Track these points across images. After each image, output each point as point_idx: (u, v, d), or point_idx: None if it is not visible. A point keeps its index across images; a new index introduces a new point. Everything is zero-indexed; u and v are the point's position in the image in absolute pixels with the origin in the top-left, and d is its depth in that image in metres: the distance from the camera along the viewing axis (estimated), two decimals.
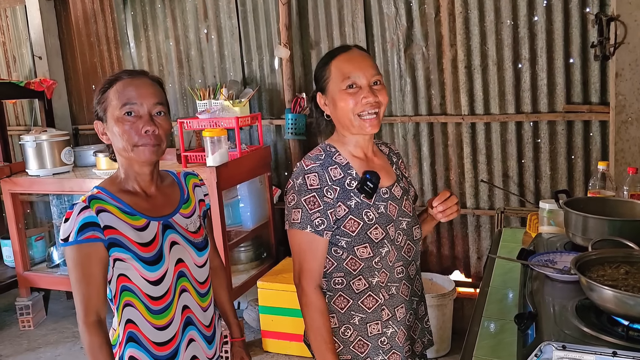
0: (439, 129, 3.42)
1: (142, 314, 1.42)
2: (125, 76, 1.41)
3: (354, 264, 1.50)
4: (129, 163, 1.43)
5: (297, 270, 1.52)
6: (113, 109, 1.38)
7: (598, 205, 1.75)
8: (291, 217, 1.49)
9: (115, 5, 4.19)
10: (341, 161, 1.52)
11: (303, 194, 1.46)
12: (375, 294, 1.51)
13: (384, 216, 1.51)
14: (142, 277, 1.39)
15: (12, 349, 3.69)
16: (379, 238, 1.49)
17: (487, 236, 3.41)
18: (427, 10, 3.30)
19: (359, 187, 1.49)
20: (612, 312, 1.23)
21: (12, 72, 4.73)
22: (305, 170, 1.49)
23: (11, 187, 3.76)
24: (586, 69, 3.02)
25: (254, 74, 3.86)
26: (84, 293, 1.34)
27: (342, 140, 1.55)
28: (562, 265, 1.56)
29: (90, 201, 1.36)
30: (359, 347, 1.52)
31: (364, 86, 1.47)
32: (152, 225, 1.43)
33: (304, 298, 1.50)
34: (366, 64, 1.50)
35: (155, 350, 1.44)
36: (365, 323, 1.51)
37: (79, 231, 1.32)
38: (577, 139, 3.12)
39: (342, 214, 1.47)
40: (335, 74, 1.50)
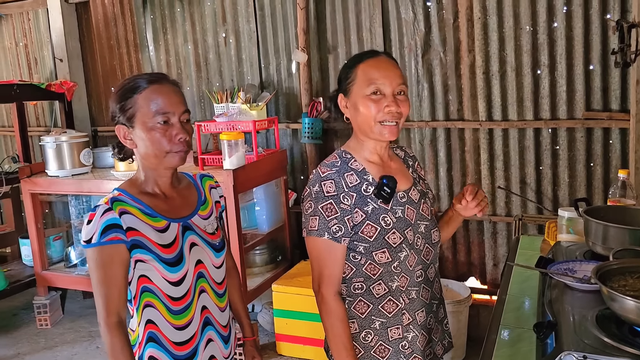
0: (456, 134, 3.40)
1: (163, 314, 1.44)
2: (149, 83, 1.42)
3: (373, 269, 1.50)
4: (152, 167, 1.45)
5: (316, 277, 1.52)
6: (143, 116, 1.39)
7: (618, 214, 1.73)
8: (309, 224, 1.49)
9: (135, 9, 4.24)
10: (357, 167, 1.52)
11: (320, 201, 1.47)
12: (395, 298, 1.51)
13: (401, 220, 1.51)
14: (163, 278, 1.41)
15: (30, 347, 3.74)
16: (397, 243, 1.49)
17: (504, 243, 3.39)
18: (445, 15, 3.29)
19: (376, 192, 1.49)
20: (633, 323, 1.21)
21: (34, 74, 4.80)
22: (322, 178, 1.49)
23: (31, 187, 3.82)
24: (606, 75, 2.99)
25: (271, 78, 3.89)
26: (105, 294, 1.36)
27: (359, 144, 1.56)
28: (582, 274, 1.54)
29: (112, 203, 1.38)
30: (380, 352, 1.52)
31: (388, 94, 1.48)
32: (173, 227, 1.45)
33: (323, 305, 1.50)
34: (393, 73, 1.50)
35: (175, 350, 1.46)
36: (386, 328, 1.51)
37: (102, 233, 1.34)
38: (596, 146, 3.09)
39: (359, 219, 1.48)
40: (361, 78, 1.50)
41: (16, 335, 3.93)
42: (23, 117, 4.28)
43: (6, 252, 4.88)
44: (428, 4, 3.33)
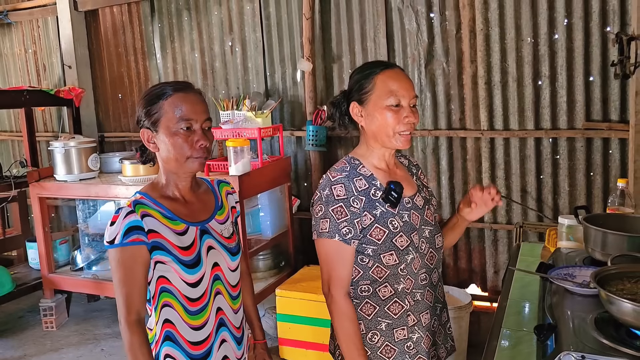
0: (458, 143, 3.46)
1: (180, 314, 1.49)
2: (175, 90, 1.48)
3: (380, 272, 1.55)
4: (173, 171, 1.51)
5: (325, 279, 1.56)
6: (168, 121, 1.45)
7: (617, 222, 1.79)
8: (319, 227, 1.54)
9: (143, 18, 4.32)
10: (365, 172, 1.58)
11: (330, 204, 1.52)
12: (401, 300, 1.56)
13: (408, 225, 1.56)
14: (182, 279, 1.46)
15: (36, 348, 3.79)
16: (404, 245, 1.54)
17: (504, 250, 3.44)
18: (448, 27, 3.36)
19: (384, 196, 1.54)
20: (631, 325, 1.27)
21: (42, 81, 4.88)
22: (332, 182, 1.54)
23: (39, 191, 3.87)
24: (606, 87, 3.06)
25: (276, 86, 3.95)
26: (126, 293, 1.41)
27: (368, 151, 1.61)
28: (582, 279, 1.60)
29: (135, 206, 1.43)
30: (386, 352, 1.56)
31: (405, 106, 1.54)
32: (191, 230, 1.50)
33: (333, 306, 1.54)
34: (410, 86, 1.57)
35: (191, 350, 1.51)
36: (392, 329, 1.56)
37: (124, 234, 1.39)
38: (596, 156, 3.14)
39: (368, 222, 1.53)
40: (380, 89, 1.54)
41: (22, 337, 3.97)
42: (31, 123, 4.35)
43: (12, 255, 4.93)
44: (431, 15, 3.40)
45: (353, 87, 1.60)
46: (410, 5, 3.42)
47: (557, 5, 3.07)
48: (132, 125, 4.58)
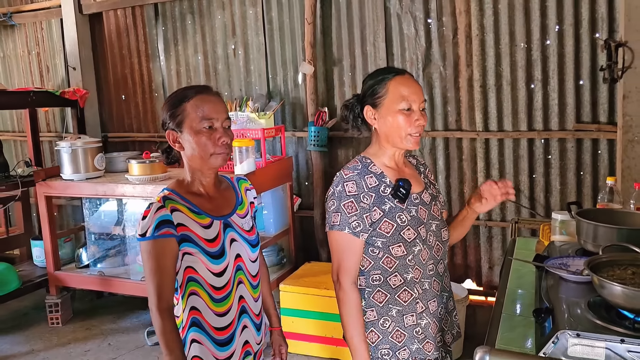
0: (454, 144, 3.60)
1: (206, 302, 1.60)
2: (196, 93, 1.61)
3: (390, 262, 1.67)
4: (197, 168, 1.63)
5: (335, 268, 1.68)
6: (191, 121, 1.57)
7: (607, 216, 1.93)
8: (331, 220, 1.66)
9: (147, 21, 4.42)
10: (376, 171, 1.70)
11: (342, 200, 1.64)
12: (410, 288, 1.68)
13: (415, 219, 1.68)
14: (208, 269, 1.58)
15: (43, 344, 3.87)
16: (412, 238, 1.66)
17: (499, 247, 3.59)
18: (445, 32, 3.51)
19: (393, 192, 1.66)
20: (620, 307, 1.40)
21: (45, 82, 4.95)
22: (344, 179, 1.66)
23: (46, 190, 3.96)
24: (595, 90, 3.21)
25: (279, 88, 4.07)
26: (158, 282, 1.52)
27: (380, 151, 1.74)
28: (575, 268, 1.74)
29: (164, 201, 1.55)
30: (397, 337, 1.68)
31: (416, 110, 1.66)
32: (215, 224, 1.62)
33: (341, 293, 1.66)
34: (420, 90, 1.69)
35: (215, 335, 1.63)
36: (401, 315, 1.68)
37: (156, 227, 1.51)
38: (586, 156, 3.30)
39: (377, 217, 1.65)
40: (393, 93, 1.65)
41: (28, 333, 4.05)
42: (35, 123, 4.44)
43: (14, 254, 5.00)
44: (429, 20, 3.54)
45: (367, 92, 1.71)
46: (409, 11, 3.56)
47: (549, 12, 3.22)
48: (135, 125, 4.68)
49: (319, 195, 3.95)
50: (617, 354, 1.31)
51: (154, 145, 4.53)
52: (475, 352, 1.33)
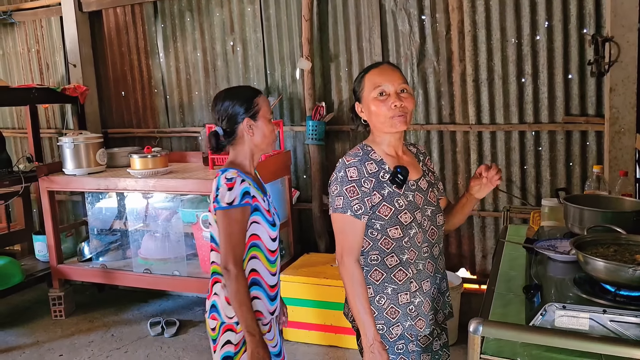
0: (448, 137, 3.71)
1: (263, 263, 1.97)
2: (260, 93, 2.07)
3: (387, 244, 1.78)
4: (258, 151, 2.03)
5: (339, 248, 1.79)
6: (265, 113, 2.03)
7: (593, 201, 2.04)
8: (335, 203, 1.78)
9: (146, 18, 4.50)
10: (376, 158, 1.81)
11: (344, 185, 1.76)
12: (405, 269, 1.79)
13: (412, 204, 1.80)
14: (268, 234, 1.96)
15: (47, 335, 3.95)
16: (408, 221, 1.78)
17: (492, 236, 3.70)
18: (438, 28, 3.61)
19: (391, 178, 1.78)
20: (603, 281, 1.51)
21: (45, 79, 5.02)
22: (346, 165, 1.78)
23: (49, 185, 4.04)
24: (583, 84, 3.32)
25: (276, 84, 4.16)
26: (236, 246, 1.85)
27: (376, 140, 1.85)
28: (562, 249, 1.85)
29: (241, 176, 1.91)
30: (391, 314, 1.80)
31: (392, 93, 1.77)
32: (266, 198, 2.01)
33: (345, 271, 1.77)
34: (394, 75, 1.80)
35: (270, 292, 2.00)
36: (396, 293, 1.79)
37: (241, 197, 1.84)
38: (575, 147, 3.41)
39: (376, 201, 1.76)
40: (367, 85, 1.81)
41: (32, 326, 4.13)
42: (36, 119, 4.50)
43: (14, 249, 5.07)
44: (423, 17, 3.64)
45: (354, 90, 1.90)
46: (403, 7, 3.66)
47: (538, 9, 3.33)
48: (135, 121, 4.75)
49: (317, 188, 4.05)
50: (600, 324, 1.41)
51: (154, 141, 4.61)
52: (470, 322, 1.44)
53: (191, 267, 3.92)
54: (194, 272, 3.87)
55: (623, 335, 1.39)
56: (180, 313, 4.24)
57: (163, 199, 4.15)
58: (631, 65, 2.96)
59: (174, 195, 3.98)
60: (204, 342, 3.74)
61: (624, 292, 1.47)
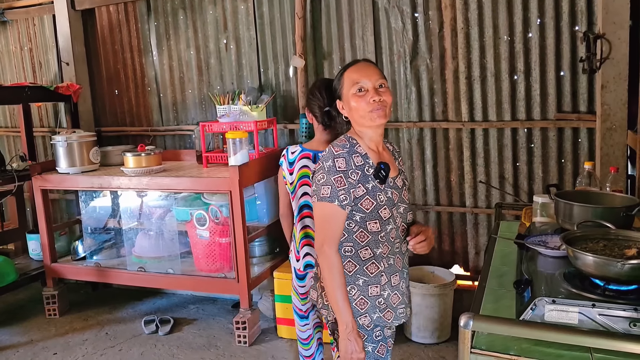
0: (441, 134, 3.72)
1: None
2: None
3: (363, 237, 1.85)
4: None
5: (320, 237, 1.83)
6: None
7: (584, 197, 2.05)
8: (320, 192, 1.81)
9: (139, 16, 4.48)
10: (361, 151, 1.86)
11: (332, 174, 1.79)
12: (377, 262, 1.87)
13: (390, 200, 1.87)
14: None
15: (41, 334, 3.94)
16: (387, 217, 1.85)
17: (485, 233, 3.72)
18: (431, 25, 3.62)
19: (374, 174, 1.83)
20: (592, 275, 1.53)
21: (38, 77, 5.00)
22: (335, 155, 1.81)
23: (42, 183, 4.03)
24: (575, 81, 3.34)
25: (270, 82, 4.17)
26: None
27: (359, 134, 1.90)
28: (553, 244, 1.87)
29: None
30: (360, 305, 1.87)
31: (370, 89, 1.82)
32: None
33: (326, 260, 1.81)
34: (371, 71, 1.86)
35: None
36: (367, 285, 1.87)
37: None
38: (566, 144, 3.43)
39: (360, 193, 1.82)
40: (346, 82, 1.87)
41: (26, 324, 4.12)
42: (29, 118, 4.48)
43: (8, 248, 5.05)
44: (416, 15, 3.65)
45: (333, 88, 1.96)
46: (396, 5, 3.67)
47: (530, 6, 3.34)
48: (128, 119, 4.74)
49: None
50: (589, 318, 1.43)
51: (147, 139, 4.60)
52: (460, 317, 1.45)
53: (185, 265, 3.92)
54: (188, 270, 3.87)
55: (612, 329, 1.40)
56: (174, 311, 4.24)
57: (157, 197, 4.14)
58: (622, 62, 2.98)
59: (167, 193, 3.98)
60: (198, 340, 3.74)
61: (613, 287, 1.49)
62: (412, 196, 3.87)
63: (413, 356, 3.40)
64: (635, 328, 1.38)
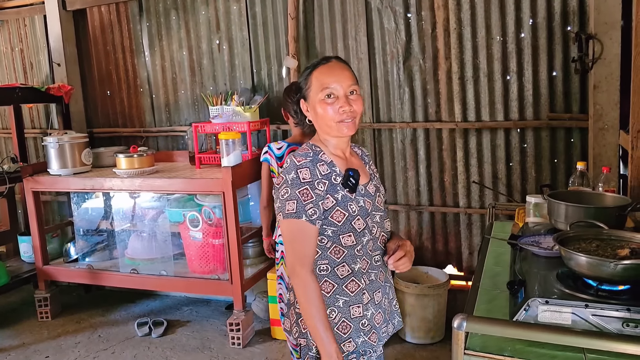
0: (435, 134, 3.72)
1: None
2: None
3: (338, 252, 1.66)
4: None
5: (291, 258, 1.63)
6: None
7: (576, 197, 2.06)
8: (286, 208, 1.60)
9: (131, 17, 4.46)
10: (326, 159, 1.67)
11: (297, 187, 1.59)
12: (357, 279, 1.68)
13: (363, 209, 1.68)
14: None
15: (34, 337, 3.91)
16: (361, 228, 1.67)
17: (478, 233, 3.72)
18: (424, 26, 3.62)
19: (343, 182, 1.65)
20: (585, 276, 1.53)
21: (29, 78, 4.96)
22: (298, 166, 1.61)
23: (33, 185, 4.00)
24: (568, 81, 3.34)
25: (263, 82, 4.15)
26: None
27: (323, 141, 1.71)
28: (546, 245, 1.87)
29: None
30: (343, 329, 1.67)
31: (340, 96, 1.62)
32: None
33: (300, 283, 1.61)
34: (344, 75, 1.64)
35: None
36: (348, 306, 1.67)
37: None
38: (559, 144, 3.44)
39: (330, 205, 1.63)
40: (315, 84, 1.65)
41: (18, 327, 4.09)
42: (20, 119, 4.45)
43: (0, 250, 5.02)
44: (409, 15, 3.65)
45: (299, 86, 1.74)
46: (389, 5, 3.67)
47: (523, 6, 3.35)
48: (120, 121, 4.72)
49: None
50: (582, 318, 1.43)
51: (140, 140, 4.58)
52: (454, 318, 1.45)
53: (178, 267, 3.90)
54: (181, 271, 3.85)
55: (605, 329, 1.40)
56: (167, 313, 4.22)
57: (149, 198, 4.12)
58: (614, 62, 2.99)
59: (160, 194, 3.96)
60: (192, 342, 3.72)
61: (606, 287, 1.49)
62: (406, 197, 3.87)
63: (407, 357, 3.40)
64: (628, 328, 1.38)
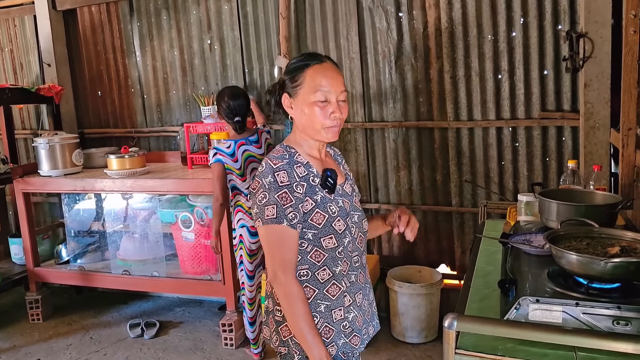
0: (427, 133, 3.72)
1: None
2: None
3: (318, 256, 1.62)
4: None
5: (273, 265, 1.57)
6: None
7: (567, 195, 2.06)
8: (264, 214, 1.55)
9: (122, 17, 4.44)
10: (302, 160, 1.63)
11: (275, 191, 1.54)
12: (338, 282, 1.65)
13: (342, 210, 1.65)
14: None
15: (25, 339, 3.89)
16: (342, 229, 1.63)
17: (471, 232, 3.72)
18: (416, 25, 3.62)
19: (322, 183, 1.62)
20: (576, 274, 1.53)
21: (19, 79, 4.93)
22: (274, 169, 1.56)
23: (24, 186, 3.97)
24: (559, 80, 3.35)
25: (255, 82, 4.14)
26: None
27: (299, 142, 1.66)
28: (537, 243, 1.87)
29: None
30: (325, 334, 1.63)
31: (333, 101, 1.58)
32: None
33: (283, 289, 1.55)
34: (338, 81, 1.61)
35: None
36: (330, 310, 1.64)
37: None
38: (551, 142, 3.44)
39: (309, 207, 1.58)
40: (308, 83, 1.58)
41: (9, 330, 4.05)
42: (10, 120, 4.42)
43: None
44: (400, 14, 3.65)
45: (286, 79, 1.64)
46: (381, 5, 3.66)
47: (514, 5, 3.35)
48: (112, 121, 4.69)
49: None
50: (573, 317, 1.43)
51: (131, 141, 4.56)
52: (445, 318, 1.44)
53: (170, 268, 3.88)
54: (174, 272, 3.83)
55: (595, 328, 1.40)
56: (160, 314, 4.20)
57: (141, 199, 4.10)
58: (605, 60, 3.00)
59: (152, 195, 3.94)
60: (184, 343, 3.71)
61: (596, 285, 1.49)
62: (398, 196, 3.87)
63: (400, 356, 3.39)
64: (619, 326, 1.38)
